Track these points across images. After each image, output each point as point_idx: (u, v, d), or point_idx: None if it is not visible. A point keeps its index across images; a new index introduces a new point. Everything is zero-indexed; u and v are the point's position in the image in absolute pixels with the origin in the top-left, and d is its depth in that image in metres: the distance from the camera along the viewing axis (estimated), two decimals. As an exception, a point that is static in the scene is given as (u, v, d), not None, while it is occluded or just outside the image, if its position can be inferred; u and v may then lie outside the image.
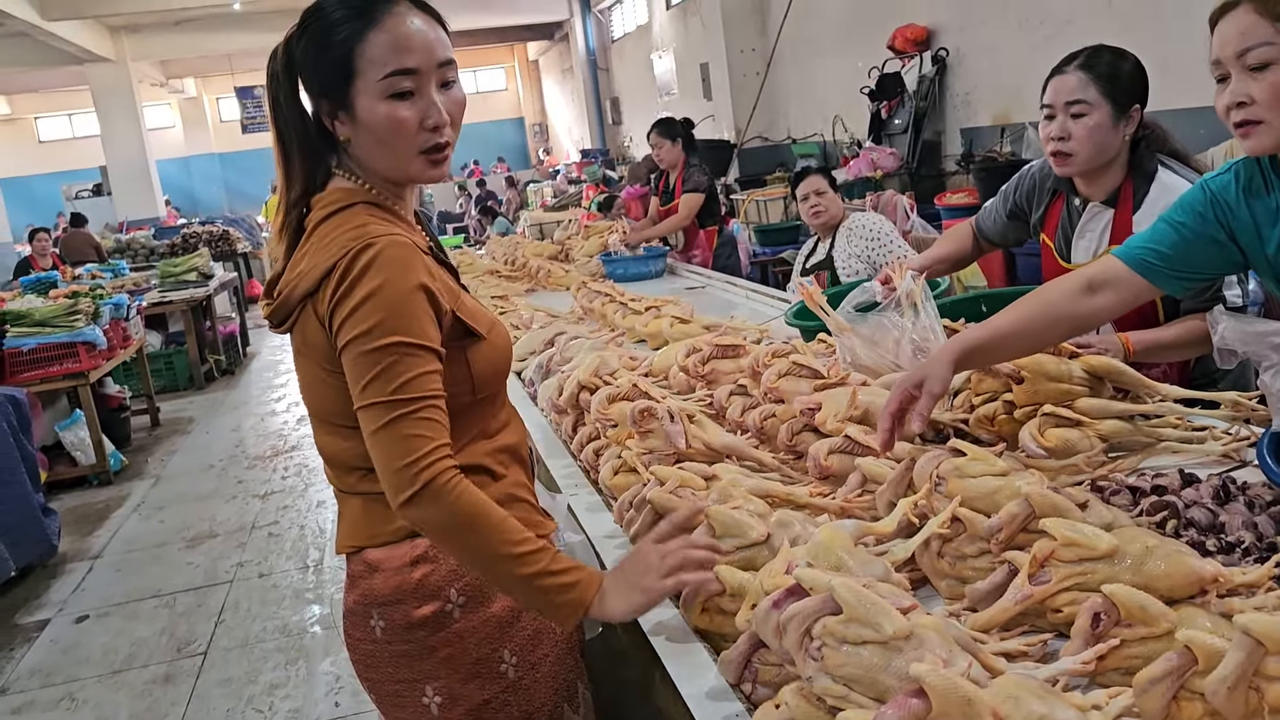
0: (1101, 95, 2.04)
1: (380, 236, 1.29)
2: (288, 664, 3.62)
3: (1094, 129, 2.05)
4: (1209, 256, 1.64)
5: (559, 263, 5.04)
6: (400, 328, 1.25)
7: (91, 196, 18.52)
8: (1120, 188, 2.12)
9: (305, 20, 1.36)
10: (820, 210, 3.81)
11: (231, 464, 6.27)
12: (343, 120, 1.35)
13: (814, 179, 3.86)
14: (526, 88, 25.18)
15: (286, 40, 1.38)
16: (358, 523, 1.41)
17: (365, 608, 1.40)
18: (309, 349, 1.35)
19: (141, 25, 16.26)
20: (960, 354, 1.61)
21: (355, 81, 1.32)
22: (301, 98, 1.38)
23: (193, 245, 10.55)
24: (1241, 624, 0.94)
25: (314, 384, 1.37)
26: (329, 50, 1.32)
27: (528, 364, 2.85)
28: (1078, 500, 1.32)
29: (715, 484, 1.57)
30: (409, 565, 1.37)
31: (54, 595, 4.50)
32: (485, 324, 1.41)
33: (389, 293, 1.26)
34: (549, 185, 15.73)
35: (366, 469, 1.33)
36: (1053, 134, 2.09)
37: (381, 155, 1.36)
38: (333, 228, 1.33)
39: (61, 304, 6.00)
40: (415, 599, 1.37)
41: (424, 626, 1.38)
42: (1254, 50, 1.43)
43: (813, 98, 9.44)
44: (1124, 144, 2.09)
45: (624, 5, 16.23)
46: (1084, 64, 2.07)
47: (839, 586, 1.07)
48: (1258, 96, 1.44)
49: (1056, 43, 5.74)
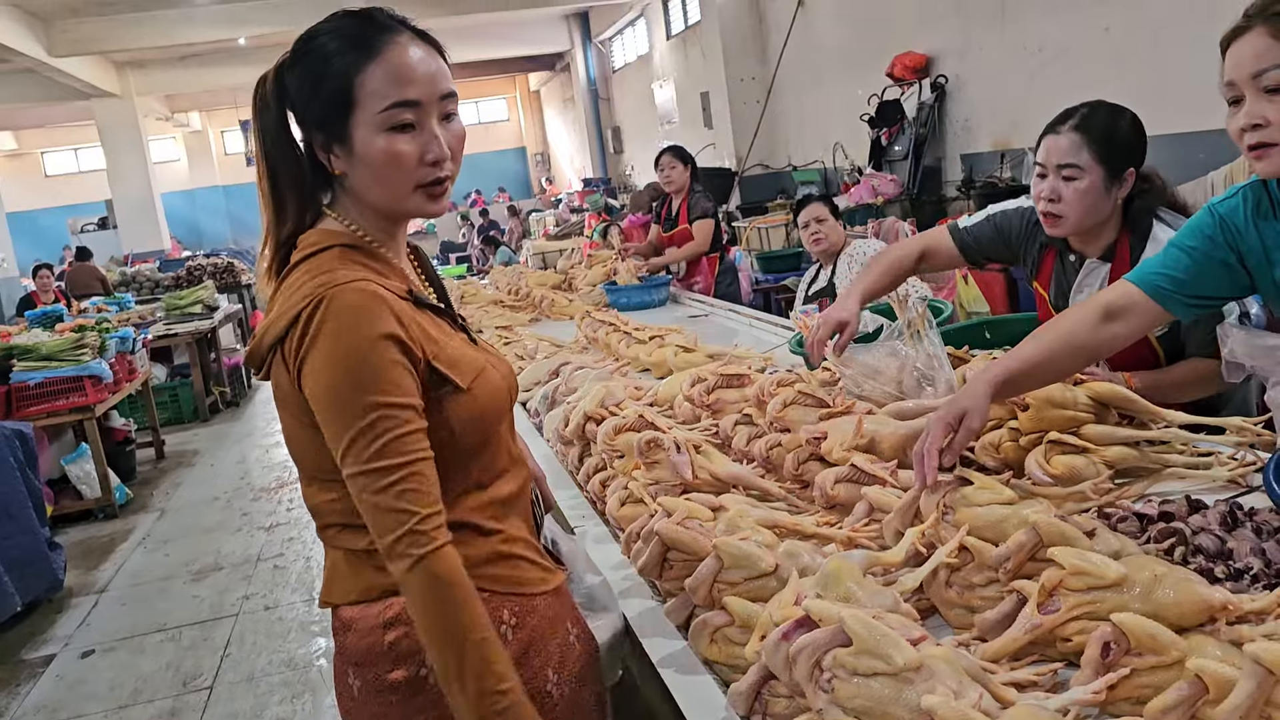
0: (1095, 159, 2.00)
1: (344, 284, 1.22)
2: (294, 698, 3.60)
3: (1085, 193, 2.00)
4: (1218, 280, 1.65)
5: (562, 292, 5.06)
6: (370, 384, 1.19)
7: (97, 230, 18.61)
8: (1116, 243, 2.08)
9: (299, 48, 1.31)
10: (821, 238, 3.84)
11: (237, 496, 6.27)
12: (338, 154, 1.30)
13: (815, 207, 3.89)
14: (528, 118, 25.36)
15: (277, 67, 1.32)
16: (335, 577, 1.35)
17: (343, 665, 1.36)
18: (283, 397, 1.29)
19: (147, 61, 16.43)
20: (999, 384, 1.58)
21: (354, 113, 1.26)
22: (291, 129, 1.33)
23: (197, 278, 10.59)
24: (1252, 653, 0.94)
25: (291, 435, 1.32)
26: (326, 80, 1.27)
27: (533, 394, 2.85)
28: (1085, 528, 1.32)
29: (722, 515, 1.57)
30: (382, 627, 1.30)
31: (60, 630, 4.49)
32: (469, 373, 1.31)
33: (353, 344, 1.20)
34: (551, 214, 15.80)
35: (344, 524, 1.30)
36: (1044, 194, 2.05)
37: (378, 190, 1.31)
38: (302, 273, 1.28)
39: (68, 338, 6.02)
40: (388, 662, 1.30)
41: (397, 691, 1.31)
42: (1269, 72, 1.43)
43: (813, 125, 9.50)
44: (1116, 206, 2.05)
45: (624, 36, 16.38)
46: (1079, 124, 2.02)
47: (849, 618, 1.07)
48: (1273, 119, 1.44)
49: (1054, 69, 5.80)
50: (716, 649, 1.36)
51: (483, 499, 1.35)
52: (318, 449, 1.26)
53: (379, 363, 1.20)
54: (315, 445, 1.26)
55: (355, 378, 1.19)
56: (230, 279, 11.12)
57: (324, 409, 1.21)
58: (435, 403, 1.27)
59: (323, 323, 1.21)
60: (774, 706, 1.19)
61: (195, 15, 13.23)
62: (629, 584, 1.67)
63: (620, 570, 1.73)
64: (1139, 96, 5.07)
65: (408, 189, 1.30)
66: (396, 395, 1.20)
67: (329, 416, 1.20)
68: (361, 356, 1.19)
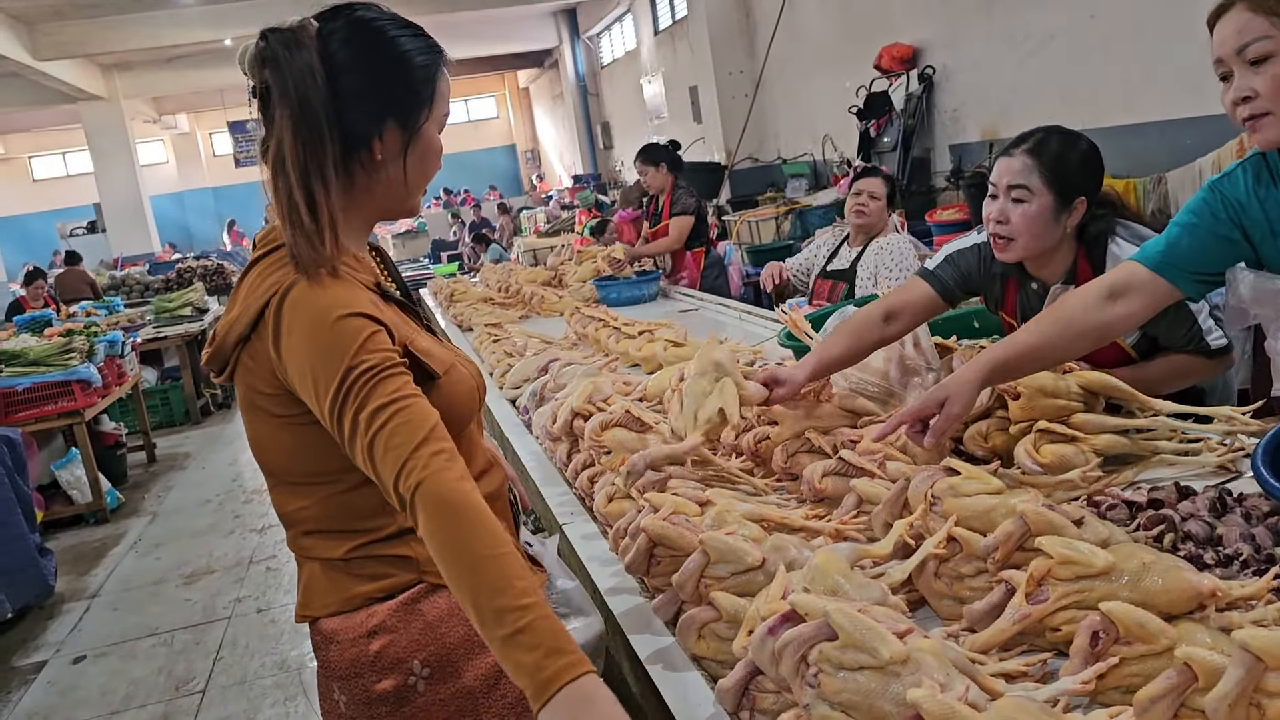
0: (1045, 184, 1.97)
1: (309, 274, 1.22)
2: (286, 700, 3.59)
3: (1033, 218, 1.98)
4: (1223, 255, 1.66)
5: (552, 288, 5.04)
6: (350, 346, 1.17)
7: (86, 234, 18.56)
8: (1074, 266, 2.05)
9: (354, 28, 1.28)
10: (865, 211, 3.68)
11: (229, 498, 6.24)
12: (390, 140, 1.29)
13: (873, 180, 3.73)
14: (517, 115, 25.32)
15: (319, 36, 1.27)
16: (313, 589, 1.32)
17: (326, 680, 1.32)
18: (254, 398, 1.27)
19: (133, 63, 16.37)
20: (987, 372, 1.59)
21: (430, 108, 1.32)
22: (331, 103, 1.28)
23: (187, 280, 10.55)
24: (1240, 640, 0.93)
25: (264, 438, 1.29)
26: (413, 69, 1.30)
27: (522, 391, 2.84)
28: (1073, 517, 1.31)
29: (709, 509, 1.56)
30: (366, 636, 1.28)
31: (51, 636, 4.47)
32: (441, 364, 1.31)
33: (327, 319, 1.18)
34: (542, 211, 15.77)
35: (320, 530, 1.28)
36: (993, 215, 2.03)
37: (413, 180, 1.34)
38: (263, 268, 1.27)
39: (56, 342, 5.99)
40: (374, 672, 1.28)
41: (385, 702, 1.28)
42: (1252, 45, 1.49)
43: (802, 118, 9.48)
44: (1067, 233, 2.02)
45: (612, 31, 16.35)
46: (1032, 149, 2.00)
47: (834, 612, 1.06)
48: (1260, 89, 1.50)
49: (1041, 58, 5.79)
50: (704, 645, 1.35)
51: None
52: (291, 450, 1.24)
53: (357, 328, 1.19)
54: (289, 445, 1.24)
55: (335, 345, 1.17)
56: (220, 281, 11.09)
57: (309, 384, 1.18)
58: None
59: (294, 309, 1.20)
60: (761, 702, 1.18)
61: (180, 17, 13.18)
62: (617, 580, 1.66)
63: (608, 567, 1.72)
64: (1125, 83, 5.10)
65: (425, 187, 1.38)
66: (378, 350, 1.19)
67: (317, 390, 1.18)
68: (339, 328, 1.18)
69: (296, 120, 1.24)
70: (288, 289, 1.21)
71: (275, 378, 1.23)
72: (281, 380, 1.23)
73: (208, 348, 1.31)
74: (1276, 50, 1.48)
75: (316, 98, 1.24)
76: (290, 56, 1.24)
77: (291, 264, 1.23)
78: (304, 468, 1.23)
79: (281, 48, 1.25)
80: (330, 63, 1.26)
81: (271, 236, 1.30)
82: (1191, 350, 1.96)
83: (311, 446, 1.25)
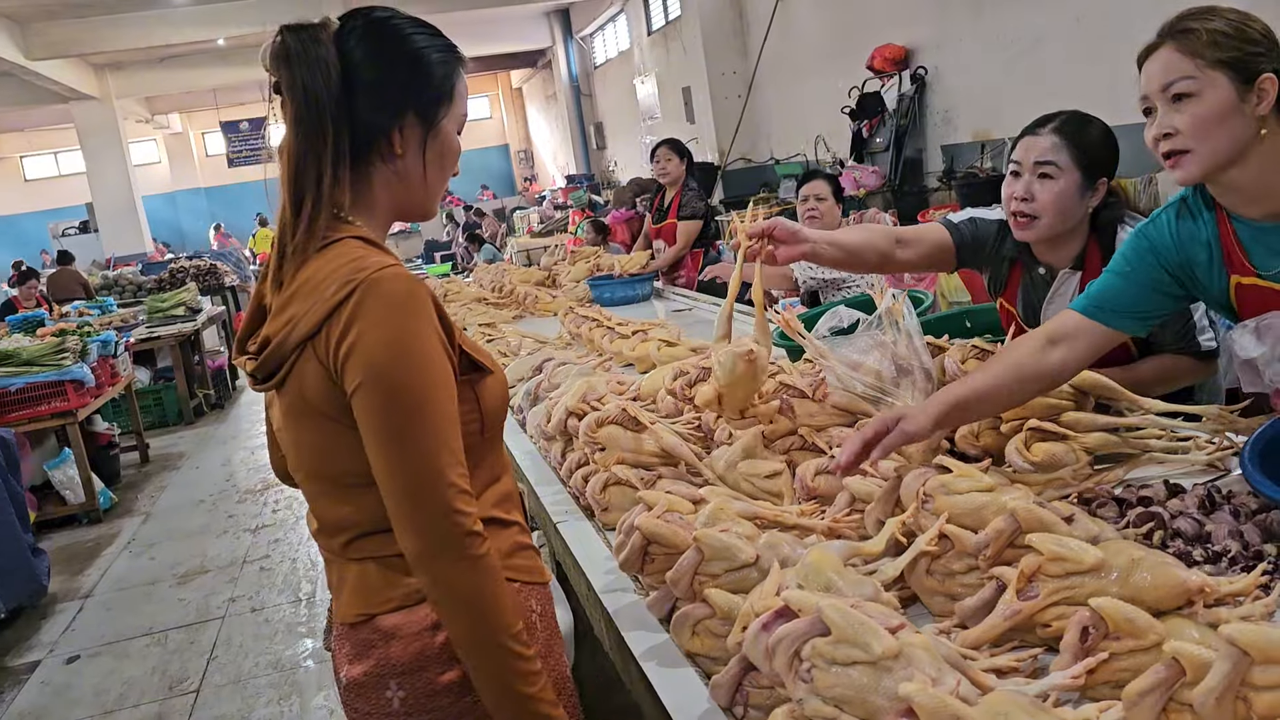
0: (1073, 162, 1.99)
1: (386, 267, 1.21)
2: (281, 699, 3.59)
3: (1060, 195, 1.99)
4: (1159, 299, 1.71)
5: (546, 288, 5.05)
6: (422, 369, 1.19)
7: (78, 234, 18.50)
8: (1084, 252, 2.07)
9: (372, 26, 1.31)
10: (817, 216, 3.76)
11: (222, 499, 6.24)
12: (410, 135, 1.31)
13: (817, 183, 3.81)
14: (511, 115, 25.29)
15: (337, 34, 1.29)
16: (366, 588, 1.31)
17: (380, 679, 1.30)
18: (310, 404, 1.24)
19: (126, 63, 16.32)
20: (946, 409, 1.59)
21: (449, 106, 1.34)
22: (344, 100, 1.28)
23: (180, 280, 10.52)
24: (1227, 634, 0.94)
25: (322, 445, 1.27)
26: (432, 67, 1.32)
27: (516, 391, 2.85)
28: (1064, 514, 1.32)
29: (703, 507, 1.57)
30: (429, 629, 1.28)
31: (44, 636, 4.46)
32: (486, 358, 1.34)
33: (403, 329, 1.19)
34: (535, 211, 15.76)
35: (374, 530, 1.27)
36: (1016, 193, 2.03)
37: (432, 179, 1.35)
38: (325, 264, 1.23)
39: (49, 343, 5.98)
40: (439, 665, 1.28)
41: (448, 693, 1.29)
42: (1176, 84, 1.54)
43: (795, 118, 9.51)
44: (1085, 215, 2.05)
45: (605, 32, 16.36)
46: (1059, 127, 2.02)
47: (827, 608, 1.07)
48: (1181, 126, 1.54)
49: (1028, 60, 5.82)
50: (698, 641, 1.36)
51: (499, 492, 1.38)
52: (357, 449, 1.22)
53: (430, 350, 1.21)
54: (355, 445, 1.22)
55: (407, 363, 1.18)
56: (213, 281, 11.07)
57: (372, 396, 1.18)
58: (467, 387, 1.29)
59: (369, 310, 1.19)
60: (755, 698, 1.19)
61: (173, 16, 13.15)
62: (611, 577, 1.67)
63: (603, 565, 1.73)
64: (1111, 85, 5.13)
65: (445, 188, 1.40)
66: (444, 384, 1.22)
67: (378, 403, 1.18)
68: (410, 343, 1.19)
69: (299, 113, 1.26)
70: (358, 286, 1.20)
71: (331, 378, 1.21)
72: (335, 380, 1.21)
73: (250, 356, 1.29)
74: (1198, 90, 1.52)
75: (323, 92, 1.25)
76: (305, 52, 1.26)
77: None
78: (358, 468, 1.22)
79: (298, 43, 1.26)
80: (348, 58, 1.28)
81: (325, 231, 1.27)
82: (1182, 351, 1.98)
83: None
